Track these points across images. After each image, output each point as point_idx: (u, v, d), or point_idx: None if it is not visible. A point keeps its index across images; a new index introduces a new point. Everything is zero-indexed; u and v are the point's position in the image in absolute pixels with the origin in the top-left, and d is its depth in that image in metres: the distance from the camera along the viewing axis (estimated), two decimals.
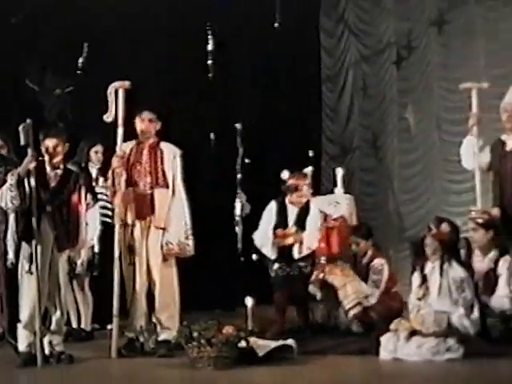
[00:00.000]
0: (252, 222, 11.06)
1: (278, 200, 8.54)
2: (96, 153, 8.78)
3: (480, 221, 7.71)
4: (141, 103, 7.83)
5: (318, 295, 8.34)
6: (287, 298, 8.23)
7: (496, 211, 7.93)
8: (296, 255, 8.24)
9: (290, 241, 8.24)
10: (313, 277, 8.35)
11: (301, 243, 8.24)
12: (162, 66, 11.37)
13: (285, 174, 8.72)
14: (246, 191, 11.26)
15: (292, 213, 8.43)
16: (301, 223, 8.38)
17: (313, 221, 8.40)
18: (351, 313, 8.10)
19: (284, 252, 8.31)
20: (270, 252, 8.33)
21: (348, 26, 12.97)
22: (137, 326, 7.37)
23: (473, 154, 8.18)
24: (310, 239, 8.31)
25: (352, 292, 8.10)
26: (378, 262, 8.32)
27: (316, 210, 8.49)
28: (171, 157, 7.51)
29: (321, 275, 8.28)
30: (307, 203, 8.49)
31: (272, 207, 8.54)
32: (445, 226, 7.69)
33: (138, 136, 7.58)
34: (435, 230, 7.40)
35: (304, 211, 8.42)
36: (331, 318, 8.51)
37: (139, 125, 7.54)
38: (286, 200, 8.52)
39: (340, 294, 8.13)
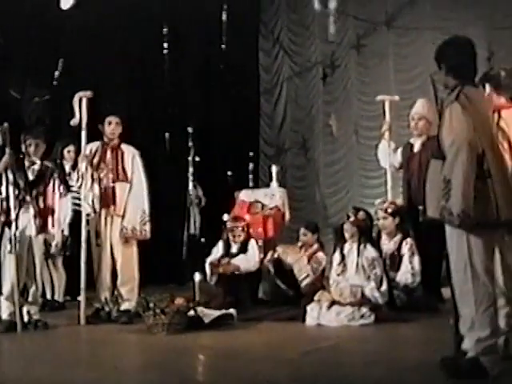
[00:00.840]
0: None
1: (223, 238, 8.36)
2: (69, 152, 8.68)
3: (390, 210, 7.80)
4: (105, 110, 7.77)
5: (272, 271, 8.25)
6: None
7: (400, 201, 8.03)
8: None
9: (220, 270, 8.00)
10: (268, 256, 8.29)
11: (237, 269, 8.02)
12: (126, 79, 11.31)
13: (225, 217, 8.64)
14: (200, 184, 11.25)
15: (234, 247, 8.21)
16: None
17: (249, 254, 8.14)
18: (304, 282, 8.06)
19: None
20: (209, 279, 8.14)
21: (282, 47, 12.97)
22: (102, 297, 7.32)
23: (386, 155, 8.26)
24: (247, 264, 8.05)
25: (304, 265, 8.09)
26: (321, 255, 8.28)
27: (254, 244, 8.25)
28: (130, 156, 7.46)
29: (275, 254, 8.26)
30: (247, 240, 8.24)
31: (219, 244, 8.38)
32: (361, 215, 7.72)
33: (102, 137, 7.51)
34: (353, 218, 7.42)
35: (243, 246, 8.17)
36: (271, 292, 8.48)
37: (107, 127, 7.47)
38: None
39: (295, 267, 8.09)
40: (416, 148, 8.05)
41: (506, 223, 4.59)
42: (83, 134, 7.34)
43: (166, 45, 11.83)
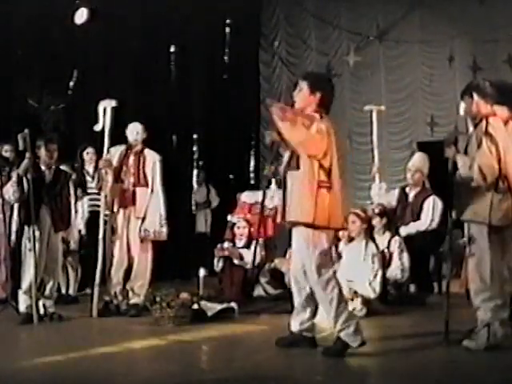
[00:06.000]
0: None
1: (228, 238, 8.32)
2: (87, 153, 8.66)
3: (377, 211, 7.81)
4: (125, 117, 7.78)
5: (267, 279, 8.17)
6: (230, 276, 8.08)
7: (388, 203, 8.09)
8: (236, 261, 7.97)
9: (226, 252, 7.95)
10: (266, 266, 8.24)
11: (241, 258, 7.98)
12: (136, 89, 11.33)
13: (229, 217, 8.65)
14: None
15: (237, 245, 8.16)
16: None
17: (251, 250, 8.01)
18: None
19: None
20: (216, 264, 8.11)
21: (281, 59, 12.95)
22: (112, 291, 7.28)
23: (378, 195, 8.27)
24: (249, 257, 7.93)
25: None
26: None
27: (256, 245, 8.14)
28: (152, 162, 7.40)
29: (272, 265, 8.21)
30: (249, 239, 8.16)
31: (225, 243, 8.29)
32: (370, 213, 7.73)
33: (126, 141, 7.45)
34: (364, 215, 7.38)
35: (246, 245, 8.10)
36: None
37: (130, 134, 7.42)
38: None
39: (286, 277, 8.04)
40: (410, 198, 8.25)
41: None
42: (106, 140, 7.28)
43: (173, 57, 11.85)
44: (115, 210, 7.30)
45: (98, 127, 7.31)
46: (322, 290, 4.99)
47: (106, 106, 7.30)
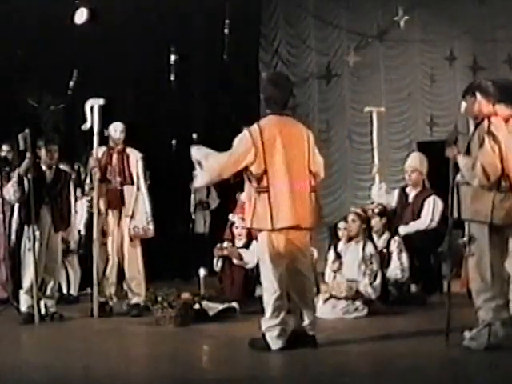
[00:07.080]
0: None
1: (228, 237, 8.27)
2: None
3: (376, 210, 7.82)
4: (115, 116, 7.77)
5: None
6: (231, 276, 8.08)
7: (387, 204, 8.11)
8: (235, 261, 7.87)
9: (225, 252, 7.95)
10: None
11: (241, 258, 7.97)
12: (137, 89, 11.33)
13: (230, 217, 8.65)
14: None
15: (238, 245, 8.02)
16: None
17: (251, 250, 7.90)
18: None
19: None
20: (215, 264, 8.08)
21: (281, 58, 12.94)
22: (107, 292, 7.29)
23: (378, 195, 8.28)
24: (248, 257, 7.86)
25: None
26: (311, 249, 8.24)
27: (256, 244, 8.18)
28: (135, 160, 7.44)
29: None
30: (250, 239, 7.96)
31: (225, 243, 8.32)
32: (369, 212, 7.73)
33: (108, 142, 7.47)
34: (363, 215, 7.37)
35: (247, 245, 7.98)
36: None
37: (113, 133, 7.43)
38: None
39: None
40: (410, 198, 8.24)
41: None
42: (95, 139, 7.31)
43: (173, 57, 11.85)
44: (103, 209, 7.30)
45: (85, 126, 7.32)
46: (263, 292, 5.31)
47: (94, 105, 7.30)
